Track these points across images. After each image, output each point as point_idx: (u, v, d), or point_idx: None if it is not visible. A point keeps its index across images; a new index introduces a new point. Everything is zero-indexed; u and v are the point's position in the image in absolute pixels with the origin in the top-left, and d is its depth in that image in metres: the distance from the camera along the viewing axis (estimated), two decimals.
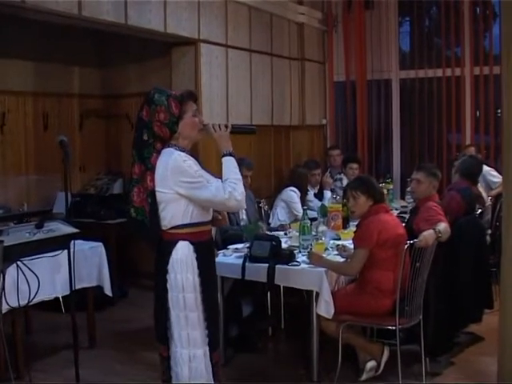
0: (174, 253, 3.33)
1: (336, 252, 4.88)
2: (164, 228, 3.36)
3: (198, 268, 3.35)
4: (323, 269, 4.43)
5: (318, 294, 4.38)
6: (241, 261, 4.68)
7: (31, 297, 3.72)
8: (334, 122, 9.43)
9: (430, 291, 4.52)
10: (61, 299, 5.39)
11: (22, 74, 6.93)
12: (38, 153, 7.04)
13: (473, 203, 5.51)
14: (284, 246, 4.97)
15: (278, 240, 4.75)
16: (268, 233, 5.54)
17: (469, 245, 5.05)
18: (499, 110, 8.42)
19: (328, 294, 4.35)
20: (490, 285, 5.50)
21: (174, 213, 3.33)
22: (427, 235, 4.27)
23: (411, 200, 7.46)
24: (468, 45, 8.59)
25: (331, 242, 5.24)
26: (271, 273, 4.52)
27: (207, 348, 3.40)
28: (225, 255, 4.90)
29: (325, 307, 4.34)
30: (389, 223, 4.43)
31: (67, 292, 4.45)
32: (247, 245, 4.92)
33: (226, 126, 3.47)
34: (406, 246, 4.20)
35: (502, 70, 3.75)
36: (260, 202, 6.76)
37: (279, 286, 5.25)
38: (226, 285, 4.89)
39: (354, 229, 5.13)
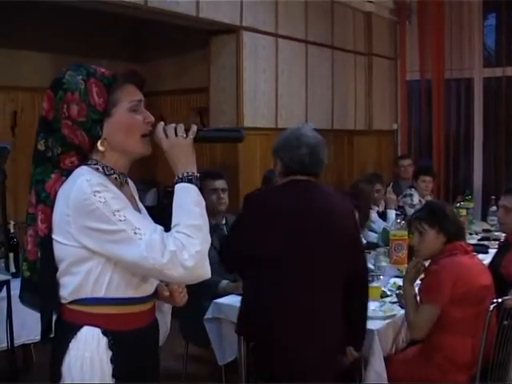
0: (71, 345, 1.95)
1: (395, 299, 3.69)
2: (63, 301, 1.98)
3: (115, 377, 1.96)
4: (374, 325, 3.25)
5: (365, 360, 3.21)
6: None
7: None
8: (406, 126, 8.24)
9: None
10: None
11: (38, 68, 6.07)
12: None
13: None
14: None
15: None
16: None
17: None
18: None
19: (380, 362, 3.17)
20: None
21: (81, 279, 1.94)
22: None
23: (495, 222, 6.23)
24: None
25: (391, 281, 4.08)
26: None
27: None
28: None
29: (375, 380, 3.17)
30: (469, 271, 3.20)
31: None
32: None
33: (187, 130, 2.04)
34: (492, 306, 2.97)
35: None
36: None
37: None
38: None
39: None
